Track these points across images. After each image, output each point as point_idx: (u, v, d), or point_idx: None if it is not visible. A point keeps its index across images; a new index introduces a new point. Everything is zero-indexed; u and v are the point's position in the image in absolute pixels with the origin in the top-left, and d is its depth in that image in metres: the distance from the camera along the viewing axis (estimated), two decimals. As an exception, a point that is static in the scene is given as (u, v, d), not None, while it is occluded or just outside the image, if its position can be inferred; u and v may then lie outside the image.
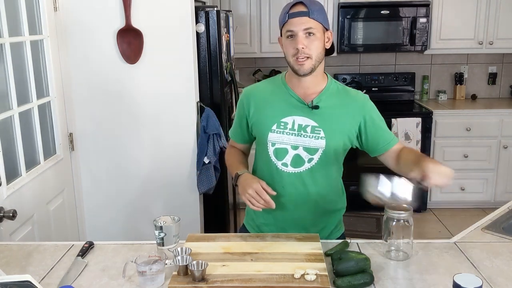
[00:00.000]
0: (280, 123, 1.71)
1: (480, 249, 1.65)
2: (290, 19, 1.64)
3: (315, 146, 1.70)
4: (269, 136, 1.72)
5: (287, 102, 1.72)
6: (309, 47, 1.62)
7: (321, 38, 1.64)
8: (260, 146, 1.79)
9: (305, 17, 1.61)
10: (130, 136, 2.77)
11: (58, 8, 2.57)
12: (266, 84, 1.84)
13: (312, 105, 1.69)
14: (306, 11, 1.61)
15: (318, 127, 1.70)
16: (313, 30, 1.61)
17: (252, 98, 1.79)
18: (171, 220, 1.63)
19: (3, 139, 2.10)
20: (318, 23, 1.63)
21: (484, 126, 4.22)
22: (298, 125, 1.70)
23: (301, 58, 1.62)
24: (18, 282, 1.17)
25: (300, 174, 1.73)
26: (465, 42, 4.36)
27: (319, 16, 1.63)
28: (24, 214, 2.18)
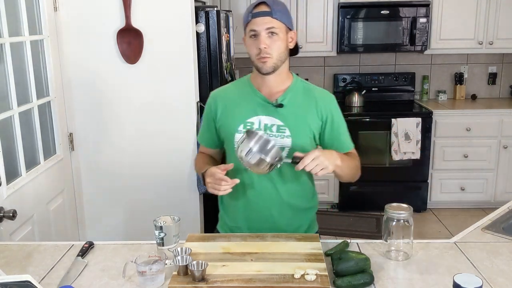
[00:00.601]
0: (246, 123, 1.72)
1: (480, 249, 1.65)
2: (253, 19, 1.64)
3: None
4: (235, 137, 1.73)
5: (253, 102, 1.74)
6: (271, 46, 1.63)
7: (283, 38, 1.66)
8: (228, 148, 1.79)
9: (267, 17, 1.62)
10: (130, 136, 2.77)
11: (58, 8, 2.57)
12: (232, 86, 1.86)
13: (277, 104, 1.70)
14: (268, 11, 1.62)
15: (283, 126, 1.70)
16: (275, 30, 1.63)
17: (218, 101, 1.79)
18: (171, 220, 1.63)
19: (3, 139, 2.10)
20: (281, 23, 1.64)
21: (484, 126, 4.22)
22: (264, 124, 1.71)
23: (263, 57, 1.64)
24: (18, 282, 1.17)
25: (269, 174, 1.72)
26: (465, 42, 4.36)
27: (282, 16, 1.64)
28: (24, 214, 2.18)
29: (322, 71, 4.84)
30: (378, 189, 4.30)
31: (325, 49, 4.47)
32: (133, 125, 2.76)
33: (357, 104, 4.56)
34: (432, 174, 4.33)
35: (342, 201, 4.36)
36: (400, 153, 4.17)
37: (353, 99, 4.57)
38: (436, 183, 4.35)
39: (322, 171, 1.57)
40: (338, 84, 4.77)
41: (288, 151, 1.71)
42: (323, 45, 4.45)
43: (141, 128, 2.76)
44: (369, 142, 4.26)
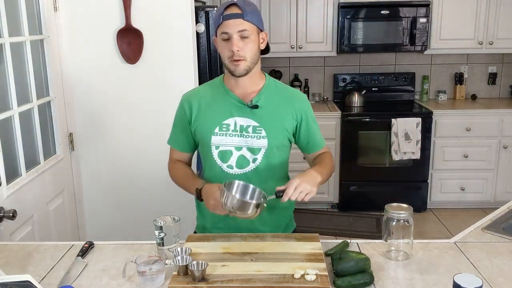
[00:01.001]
0: (222, 125, 1.72)
1: (480, 249, 1.65)
2: (224, 21, 1.62)
3: (258, 146, 1.71)
4: (212, 140, 1.72)
5: (227, 104, 1.73)
6: (244, 49, 1.62)
7: (255, 40, 1.65)
8: (204, 151, 1.78)
9: (239, 19, 1.60)
10: (130, 136, 2.77)
11: (58, 8, 2.57)
12: (205, 88, 1.84)
13: (252, 105, 1.70)
14: (240, 13, 1.60)
15: (259, 127, 1.71)
16: (247, 33, 1.61)
17: (193, 102, 1.78)
18: (171, 220, 1.63)
19: (3, 139, 2.10)
20: (253, 25, 1.63)
21: (484, 126, 4.22)
22: (240, 126, 1.71)
23: (237, 60, 1.62)
24: (18, 282, 1.17)
25: (246, 175, 1.74)
26: (465, 42, 4.36)
27: (253, 18, 1.63)
28: (24, 214, 2.18)
29: (322, 71, 4.84)
30: (378, 189, 4.30)
31: (325, 49, 4.47)
32: (133, 125, 2.76)
33: (357, 104, 4.56)
34: (432, 174, 4.33)
35: (342, 201, 4.36)
36: (400, 153, 4.17)
37: (353, 99, 4.57)
38: (436, 183, 4.35)
39: (308, 195, 1.57)
40: (338, 84, 4.77)
41: (265, 152, 1.72)
42: (323, 45, 4.45)
43: (141, 128, 2.76)
44: (369, 142, 4.26)
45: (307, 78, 4.81)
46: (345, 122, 4.25)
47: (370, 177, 4.32)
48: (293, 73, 4.81)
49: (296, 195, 1.55)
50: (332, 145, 4.25)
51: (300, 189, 1.55)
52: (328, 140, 4.20)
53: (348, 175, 4.31)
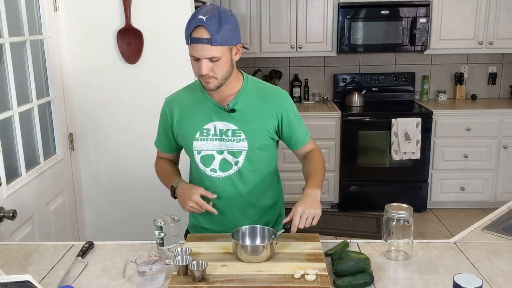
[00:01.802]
0: (202, 130, 1.72)
1: (480, 249, 1.65)
2: (193, 44, 1.54)
3: (238, 149, 1.71)
4: (194, 145, 1.73)
5: (206, 108, 1.72)
6: (214, 70, 1.57)
7: (226, 60, 1.58)
8: (188, 154, 1.80)
9: (207, 45, 1.52)
10: (130, 136, 2.77)
11: (58, 8, 2.57)
12: (185, 92, 1.83)
13: (229, 109, 1.69)
14: (208, 38, 1.51)
15: (238, 130, 1.70)
16: (216, 58, 1.54)
17: (174, 107, 1.78)
18: (171, 220, 1.63)
19: (3, 139, 2.10)
20: (223, 47, 1.54)
21: (484, 126, 4.22)
22: (220, 130, 1.71)
23: (207, 79, 1.59)
24: (18, 282, 1.17)
25: (230, 178, 1.74)
26: (465, 42, 4.36)
27: (224, 39, 1.53)
28: (24, 214, 2.18)
29: (322, 71, 4.84)
30: (378, 189, 4.30)
31: (325, 49, 4.47)
32: (133, 125, 2.76)
33: (357, 104, 4.56)
34: (432, 174, 4.33)
35: (342, 201, 4.36)
36: (400, 153, 4.17)
37: (353, 99, 4.57)
38: (436, 183, 4.35)
39: (315, 219, 1.57)
40: (338, 84, 4.77)
41: (246, 154, 1.71)
42: (323, 45, 4.45)
43: (141, 128, 2.76)
44: (369, 142, 4.26)
45: (307, 78, 4.81)
46: (345, 122, 4.25)
47: (370, 177, 4.32)
48: (293, 73, 4.81)
49: (303, 222, 1.56)
50: (332, 145, 4.25)
51: (305, 216, 1.56)
52: (328, 140, 4.24)
53: (348, 175, 4.31)
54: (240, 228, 1.62)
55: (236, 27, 1.60)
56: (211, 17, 1.52)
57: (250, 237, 1.62)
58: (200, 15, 1.53)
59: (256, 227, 1.64)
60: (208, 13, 1.53)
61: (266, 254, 1.50)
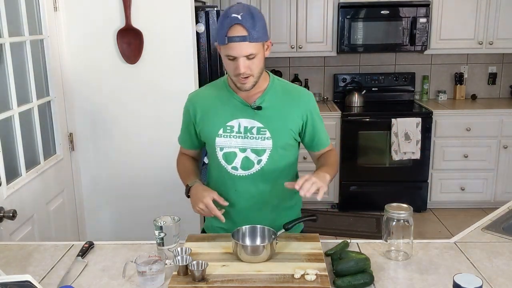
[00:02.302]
0: (226, 127, 1.71)
1: (480, 249, 1.65)
2: (230, 43, 1.53)
3: (262, 147, 1.70)
4: (216, 141, 1.72)
5: (231, 105, 1.72)
6: (251, 68, 1.58)
7: (261, 55, 1.59)
8: (210, 152, 1.79)
9: (245, 43, 1.52)
10: (130, 136, 2.77)
11: (58, 8, 2.57)
12: (209, 89, 1.83)
13: (255, 106, 1.69)
14: (245, 35, 1.51)
15: (263, 128, 1.70)
16: (254, 55, 1.55)
17: (197, 104, 1.78)
18: (171, 220, 1.63)
19: (3, 139, 2.10)
20: (259, 43, 1.55)
21: (484, 126, 4.22)
22: (244, 127, 1.70)
23: (244, 78, 1.59)
24: (18, 282, 1.17)
25: (251, 176, 1.73)
26: (465, 42, 4.36)
27: (259, 35, 1.54)
28: (24, 214, 2.18)
29: (322, 71, 4.84)
30: (378, 189, 4.30)
31: (325, 49, 4.47)
32: (133, 125, 2.76)
33: (357, 104, 4.56)
34: (432, 174, 4.33)
35: (342, 201, 4.36)
36: (400, 153, 4.17)
37: (353, 99, 4.57)
38: (436, 183, 4.35)
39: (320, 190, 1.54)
40: (338, 84, 4.77)
41: (270, 153, 1.71)
42: (323, 45, 4.45)
43: (141, 128, 2.76)
44: (369, 142, 4.26)
45: (307, 78, 4.81)
46: (345, 122, 4.25)
47: (370, 177, 4.32)
48: (293, 73, 4.81)
49: (309, 186, 1.52)
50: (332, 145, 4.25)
51: (311, 182, 1.53)
52: (328, 140, 4.23)
53: (348, 175, 4.31)
54: (240, 228, 1.62)
55: (265, 23, 1.62)
56: (245, 15, 1.53)
57: (250, 237, 1.62)
58: (233, 14, 1.53)
59: (256, 227, 1.64)
60: (241, 11, 1.53)
61: (266, 254, 1.50)
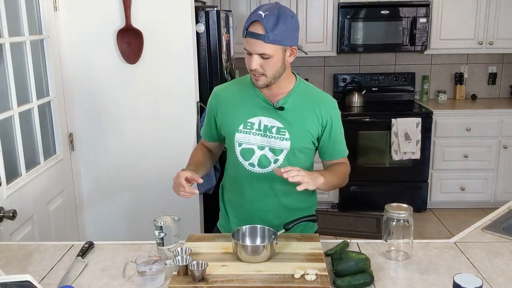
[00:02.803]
0: (246, 123, 1.72)
1: (480, 249, 1.65)
2: (247, 37, 1.57)
3: (280, 147, 1.71)
4: (236, 137, 1.73)
5: (254, 103, 1.73)
6: (264, 67, 1.59)
7: (279, 58, 1.59)
8: (229, 146, 1.80)
9: (260, 41, 1.54)
10: (130, 136, 2.77)
11: (58, 8, 2.57)
12: (234, 85, 1.85)
13: (278, 106, 1.70)
14: (262, 34, 1.53)
15: (283, 128, 1.70)
16: (267, 55, 1.56)
17: (220, 98, 1.80)
18: (171, 220, 1.63)
19: (3, 139, 2.10)
20: (276, 45, 1.55)
21: (484, 126, 4.22)
22: (264, 125, 1.71)
23: (257, 75, 1.61)
24: (18, 282, 1.17)
25: (267, 175, 1.74)
26: (465, 42, 4.36)
27: (277, 38, 1.54)
28: (24, 214, 2.18)
29: (322, 71, 4.84)
30: (378, 189, 4.30)
31: (325, 49, 4.47)
32: (133, 125, 2.76)
33: (357, 104, 4.56)
34: (432, 174, 4.33)
35: (342, 201, 4.36)
36: (400, 153, 4.17)
37: (353, 99, 4.57)
38: (436, 183, 4.35)
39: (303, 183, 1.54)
40: (338, 84, 4.77)
41: (286, 153, 1.71)
42: (323, 45, 4.45)
43: (141, 128, 2.76)
44: (369, 142, 4.26)
45: (307, 78, 4.79)
46: (345, 122, 4.18)
47: (370, 177, 4.32)
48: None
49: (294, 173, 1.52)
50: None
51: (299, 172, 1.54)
52: (328, 140, 4.23)
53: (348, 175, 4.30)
54: (240, 228, 1.62)
55: (294, 29, 1.60)
56: (270, 14, 1.53)
57: (250, 237, 1.62)
58: (260, 11, 1.55)
59: (256, 227, 1.64)
60: (268, 10, 1.55)
61: (266, 254, 1.50)
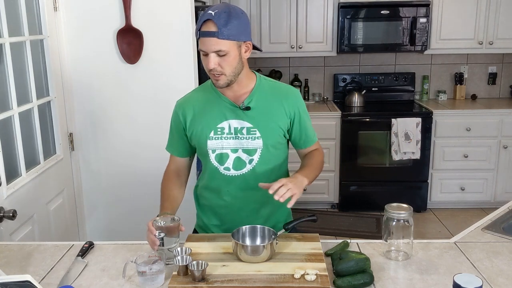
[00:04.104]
0: (217, 129, 1.72)
1: (480, 249, 1.65)
2: (201, 38, 1.57)
3: (253, 147, 1.72)
4: (208, 144, 1.73)
5: (220, 107, 1.73)
6: (222, 65, 1.59)
7: (235, 55, 1.59)
8: (202, 154, 1.79)
9: (214, 38, 1.54)
10: (130, 136, 2.77)
11: (58, 8, 2.57)
12: (197, 93, 1.84)
13: (244, 107, 1.70)
14: (215, 31, 1.53)
15: (253, 128, 1.71)
16: (223, 52, 1.56)
17: (186, 109, 1.78)
18: (171, 220, 1.63)
19: (3, 139, 2.10)
20: (230, 41, 1.56)
21: (484, 126, 4.22)
22: (234, 128, 1.71)
23: (216, 75, 1.61)
24: (18, 282, 1.17)
25: (243, 176, 1.74)
26: (465, 42, 4.36)
27: (231, 33, 1.55)
28: (24, 214, 2.18)
29: (322, 71, 4.84)
30: (378, 189, 4.30)
31: (325, 49, 4.47)
32: (133, 125, 2.76)
33: (357, 104, 4.56)
34: (432, 174, 4.33)
35: (342, 201, 4.36)
36: (400, 153, 4.17)
37: (353, 99, 4.57)
38: (436, 183, 4.35)
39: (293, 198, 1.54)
40: (338, 84, 4.77)
41: (260, 152, 1.72)
42: (323, 45, 4.45)
43: (141, 128, 2.76)
44: (369, 142, 4.26)
45: (307, 78, 4.81)
46: (345, 122, 4.25)
47: (370, 177, 4.32)
48: (293, 73, 4.81)
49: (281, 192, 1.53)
50: (332, 145, 4.25)
51: (285, 187, 1.54)
52: (328, 140, 4.24)
53: (348, 175, 4.31)
54: (240, 228, 1.62)
55: (246, 24, 1.62)
56: (220, 12, 1.56)
57: (250, 237, 1.62)
58: (209, 11, 1.57)
59: (256, 227, 1.64)
60: (217, 9, 1.57)
61: (266, 254, 1.50)
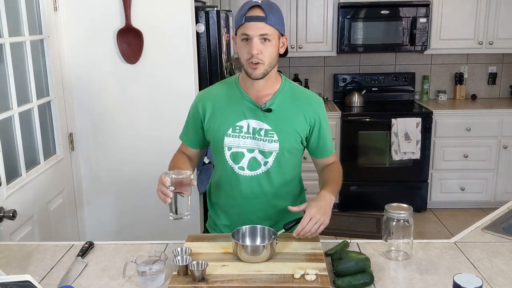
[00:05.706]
0: (235, 127, 1.72)
1: (480, 249, 1.65)
2: (246, 22, 1.60)
3: (269, 150, 1.71)
4: (225, 141, 1.73)
5: (241, 106, 1.73)
6: (264, 53, 1.61)
7: (276, 44, 1.64)
8: (217, 151, 1.79)
9: (262, 23, 1.58)
10: (130, 136, 2.77)
11: (58, 8, 2.57)
12: (220, 87, 1.83)
13: (265, 108, 1.70)
14: (263, 16, 1.58)
15: (271, 131, 1.71)
16: (268, 37, 1.60)
17: (207, 102, 1.77)
18: (184, 173, 1.57)
19: (3, 139, 2.10)
20: (274, 29, 1.61)
21: (484, 126, 4.22)
22: (253, 128, 1.71)
23: (255, 63, 1.62)
24: (18, 282, 1.17)
25: (257, 177, 1.74)
26: (465, 42, 4.36)
27: (276, 22, 1.61)
28: (24, 214, 2.18)
29: (322, 71, 4.84)
30: (378, 189, 4.31)
31: (325, 49, 4.47)
32: (133, 125, 2.76)
33: (357, 104, 4.56)
34: (432, 174, 4.33)
35: (342, 201, 4.36)
36: (400, 153, 4.17)
37: (353, 99, 4.57)
38: (436, 183, 4.35)
39: (321, 227, 1.59)
40: (338, 84, 4.77)
41: (276, 155, 1.72)
42: (323, 45, 4.45)
43: (141, 128, 2.76)
44: (369, 142, 4.26)
45: (307, 78, 4.81)
46: (345, 122, 4.25)
47: (370, 177, 4.32)
48: (293, 73, 4.81)
49: (311, 227, 1.56)
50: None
51: (314, 221, 1.57)
52: (328, 140, 4.23)
53: (348, 175, 4.25)
54: (240, 228, 1.62)
55: (283, 20, 1.68)
56: (265, 1, 1.62)
57: (250, 237, 1.62)
58: None
59: (256, 227, 1.64)
60: None
61: (266, 254, 1.50)
